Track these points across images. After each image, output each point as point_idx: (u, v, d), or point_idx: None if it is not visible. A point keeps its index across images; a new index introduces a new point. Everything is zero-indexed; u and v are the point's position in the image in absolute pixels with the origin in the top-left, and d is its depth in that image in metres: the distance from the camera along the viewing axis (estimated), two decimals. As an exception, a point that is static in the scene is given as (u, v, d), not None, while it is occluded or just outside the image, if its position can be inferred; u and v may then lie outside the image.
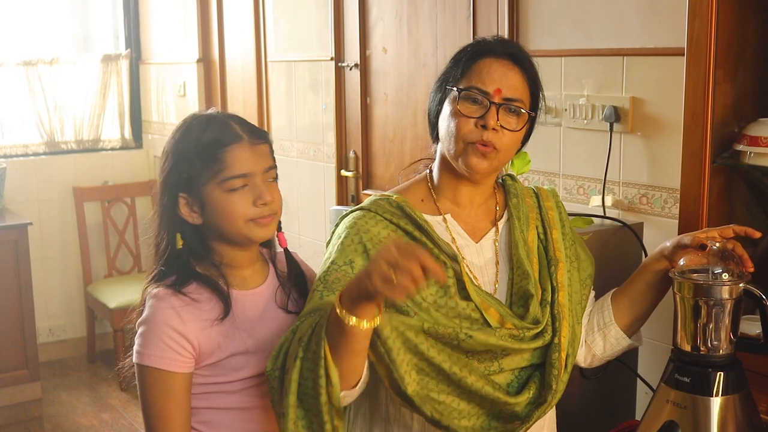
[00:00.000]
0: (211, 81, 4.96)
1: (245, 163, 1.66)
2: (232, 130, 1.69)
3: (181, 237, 1.70)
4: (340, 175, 3.88)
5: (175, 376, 1.65)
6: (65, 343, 5.41)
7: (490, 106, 1.68)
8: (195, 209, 1.69)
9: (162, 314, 1.66)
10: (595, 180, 2.61)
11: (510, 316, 1.68)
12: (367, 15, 3.62)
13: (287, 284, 1.82)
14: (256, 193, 1.67)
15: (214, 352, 1.68)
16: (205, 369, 1.70)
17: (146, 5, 5.57)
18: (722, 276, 1.67)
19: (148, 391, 1.67)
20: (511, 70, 1.71)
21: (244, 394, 1.73)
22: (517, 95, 1.71)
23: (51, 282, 5.33)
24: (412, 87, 3.42)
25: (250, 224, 1.67)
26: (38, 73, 5.34)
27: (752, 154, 1.85)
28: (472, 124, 1.68)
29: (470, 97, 1.70)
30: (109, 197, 5.40)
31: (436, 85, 1.80)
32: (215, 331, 1.68)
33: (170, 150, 1.71)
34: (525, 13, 2.81)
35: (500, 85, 1.69)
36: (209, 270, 1.72)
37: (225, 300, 1.70)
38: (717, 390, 1.66)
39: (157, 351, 1.65)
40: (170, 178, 1.69)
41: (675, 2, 2.29)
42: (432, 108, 1.80)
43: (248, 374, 1.72)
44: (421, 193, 1.81)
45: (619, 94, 2.51)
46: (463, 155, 1.70)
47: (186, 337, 1.65)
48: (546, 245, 1.78)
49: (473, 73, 1.71)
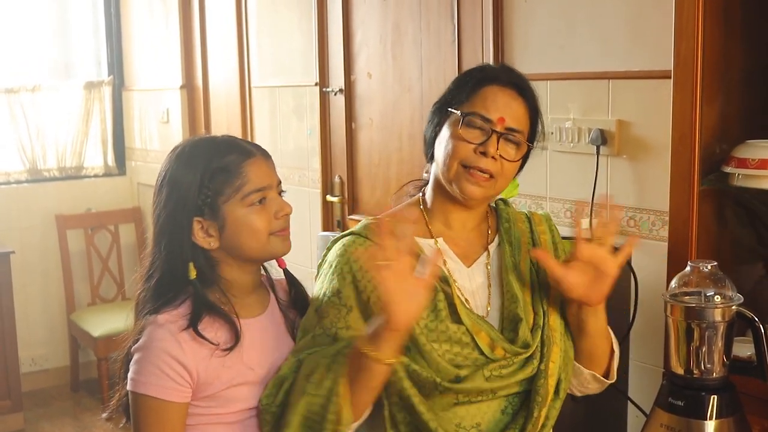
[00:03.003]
0: (194, 107, 4.94)
1: (263, 177, 1.69)
2: (244, 147, 1.70)
3: (193, 266, 1.67)
4: (325, 200, 3.87)
5: (171, 405, 1.62)
6: (48, 373, 5.35)
7: (492, 134, 1.67)
8: (212, 232, 1.67)
9: (161, 341, 1.62)
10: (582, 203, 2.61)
11: (501, 340, 1.67)
12: (351, 40, 3.63)
13: (290, 310, 1.80)
14: (276, 206, 1.70)
15: (213, 383, 1.65)
16: (203, 400, 1.66)
17: (129, 31, 5.56)
18: (714, 298, 1.66)
19: (142, 420, 1.63)
20: (515, 100, 1.71)
21: (243, 426, 1.69)
22: (519, 126, 1.70)
23: (33, 311, 5.27)
24: (397, 112, 3.42)
25: (272, 239, 1.68)
26: (20, 100, 5.30)
27: (740, 176, 1.86)
28: (471, 150, 1.68)
29: (473, 123, 1.69)
30: (92, 225, 5.35)
31: (436, 106, 1.79)
32: (216, 361, 1.65)
33: (174, 177, 1.68)
34: (510, 37, 2.81)
35: (504, 114, 1.68)
36: (216, 297, 1.69)
37: (235, 331, 1.67)
38: (711, 413, 1.65)
39: (153, 379, 1.61)
40: (180, 205, 1.66)
41: (660, 25, 2.30)
42: (429, 129, 1.79)
43: (246, 405, 1.69)
44: (412, 216, 1.79)
45: (605, 117, 2.52)
46: (457, 180, 1.69)
47: (185, 367, 1.62)
48: (538, 269, 1.77)
49: (478, 98, 1.70)
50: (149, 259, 1.72)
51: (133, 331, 1.71)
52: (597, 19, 2.53)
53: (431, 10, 3.18)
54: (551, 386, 1.68)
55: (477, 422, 1.65)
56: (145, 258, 1.74)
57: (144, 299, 1.71)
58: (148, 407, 1.62)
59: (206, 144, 1.71)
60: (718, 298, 1.66)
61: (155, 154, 5.28)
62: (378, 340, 1.50)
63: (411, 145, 3.34)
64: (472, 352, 1.65)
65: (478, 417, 1.65)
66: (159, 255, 1.69)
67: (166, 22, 5.08)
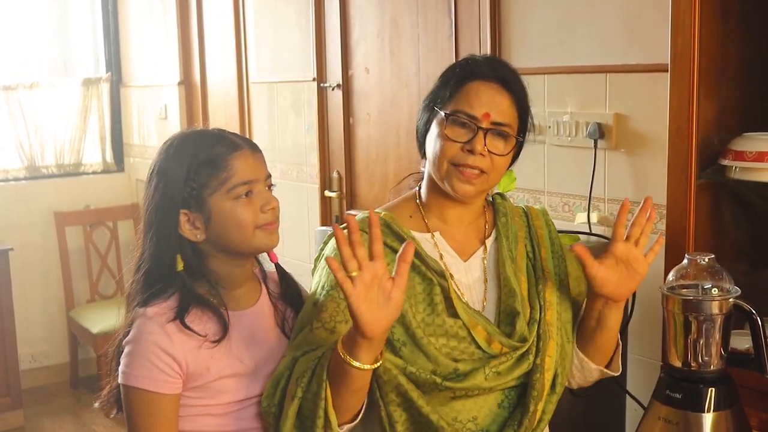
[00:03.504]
0: (192, 103, 4.94)
1: (250, 171, 1.67)
2: (231, 140, 1.70)
3: (181, 258, 1.68)
4: (323, 195, 3.87)
5: (162, 397, 1.62)
6: (48, 370, 5.35)
7: (478, 131, 1.66)
8: (198, 224, 1.67)
9: (150, 334, 1.63)
10: (580, 197, 2.61)
11: (497, 334, 1.67)
12: (348, 35, 3.62)
13: (281, 303, 1.80)
14: (263, 199, 1.67)
15: (202, 374, 1.65)
16: (192, 391, 1.66)
17: (126, 28, 5.56)
18: (712, 291, 1.66)
19: (134, 413, 1.63)
20: (500, 93, 1.69)
21: (234, 417, 1.70)
22: (506, 119, 1.69)
23: (33, 308, 5.27)
24: (395, 107, 3.42)
25: (258, 232, 1.67)
26: (18, 97, 5.30)
27: (737, 169, 1.86)
28: (459, 148, 1.67)
29: (458, 121, 1.68)
30: (90, 221, 5.35)
31: (425, 103, 1.78)
32: (205, 353, 1.65)
33: (163, 169, 1.69)
34: (507, 32, 2.81)
35: (488, 110, 1.67)
36: (205, 289, 1.69)
37: (223, 323, 1.67)
38: (709, 406, 1.65)
39: (144, 371, 1.62)
40: (167, 196, 1.67)
41: (657, 19, 2.30)
42: (420, 126, 1.79)
43: (239, 397, 1.69)
44: (409, 210, 1.79)
45: (602, 111, 2.52)
46: (447, 178, 1.69)
47: (175, 358, 1.62)
48: (535, 263, 1.77)
49: (461, 96, 1.69)
50: (139, 250, 1.73)
51: (124, 323, 1.71)
52: (594, 13, 2.53)
53: (428, 5, 3.17)
54: (547, 380, 1.68)
55: (474, 416, 1.65)
56: (135, 249, 1.75)
57: (134, 291, 1.73)
58: (140, 400, 1.62)
59: (195, 137, 1.72)
60: (716, 291, 1.66)
61: (153, 151, 5.21)
62: (354, 347, 1.48)
63: (409, 140, 3.34)
64: (468, 346, 1.66)
65: (474, 411, 1.65)
66: (148, 246, 1.71)
67: (164, 18, 5.07)
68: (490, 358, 1.65)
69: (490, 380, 1.63)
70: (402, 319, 1.62)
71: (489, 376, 1.63)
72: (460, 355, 1.65)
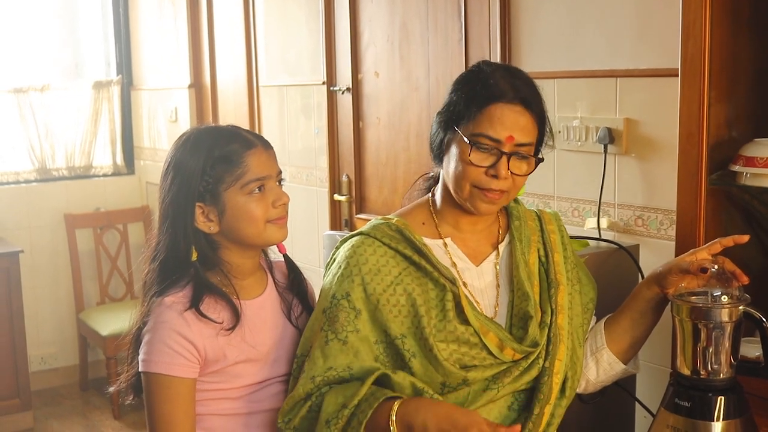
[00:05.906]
0: (202, 106, 4.95)
1: (263, 167, 1.75)
2: (245, 137, 1.77)
3: (195, 249, 1.75)
4: (333, 199, 3.86)
5: (181, 381, 1.69)
6: (57, 372, 5.36)
7: (501, 156, 1.66)
8: (212, 217, 1.74)
9: (169, 321, 1.70)
10: (590, 202, 2.60)
11: (509, 340, 1.67)
12: (358, 39, 3.62)
13: (288, 292, 1.88)
14: (274, 195, 1.76)
15: (219, 360, 1.73)
16: (209, 376, 1.74)
17: (137, 31, 5.57)
18: (721, 298, 1.65)
19: (154, 398, 1.70)
20: (523, 115, 1.68)
21: (247, 400, 1.78)
22: (527, 138, 1.69)
23: (43, 310, 5.28)
24: (405, 110, 3.41)
25: (269, 226, 1.75)
26: (29, 100, 5.31)
27: (748, 175, 1.84)
28: (482, 173, 1.67)
29: (481, 145, 1.66)
30: (101, 224, 5.36)
31: (442, 118, 1.75)
32: (222, 339, 1.72)
33: (179, 163, 1.75)
34: (517, 36, 2.80)
35: (512, 132, 1.66)
36: (217, 279, 1.76)
37: (236, 311, 1.74)
38: (718, 415, 1.63)
39: (164, 357, 1.69)
40: (183, 190, 1.73)
41: (667, 23, 2.29)
42: (435, 139, 1.77)
43: (251, 381, 1.78)
44: (422, 217, 1.80)
45: (612, 116, 2.50)
46: (471, 199, 1.70)
47: (193, 344, 1.69)
48: (547, 268, 1.77)
49: (483, 118, 1.67)
50: (155, 240, 1.80)
51: (141, 311, 1.78)
52: (604, 17, 2.52)
53: (438, 9, 3.16)
54: (556, 384, 1.67)
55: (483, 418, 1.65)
56: (151, 239, 1.81)
57: (150, 280, 1.79)
58: (161, 385, 1.69)
59: (210, 132, 1.78)
60: (725, 298, 1.65)
61: (164, 153, 5.24)
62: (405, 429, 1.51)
63: (418, 144, 3.33)
64: (480, 352, 1.66)
65: (484, 413, 1.65)
66: (163, 237, 1.77)
67: (175, 21, 5.08)
68: (500, 373, 1.66)
69: (501, 390, 1.65)
70: (416, 325, 1.62)
71: (499, 388, 1.65)
72: (470, 362, 1.65)
